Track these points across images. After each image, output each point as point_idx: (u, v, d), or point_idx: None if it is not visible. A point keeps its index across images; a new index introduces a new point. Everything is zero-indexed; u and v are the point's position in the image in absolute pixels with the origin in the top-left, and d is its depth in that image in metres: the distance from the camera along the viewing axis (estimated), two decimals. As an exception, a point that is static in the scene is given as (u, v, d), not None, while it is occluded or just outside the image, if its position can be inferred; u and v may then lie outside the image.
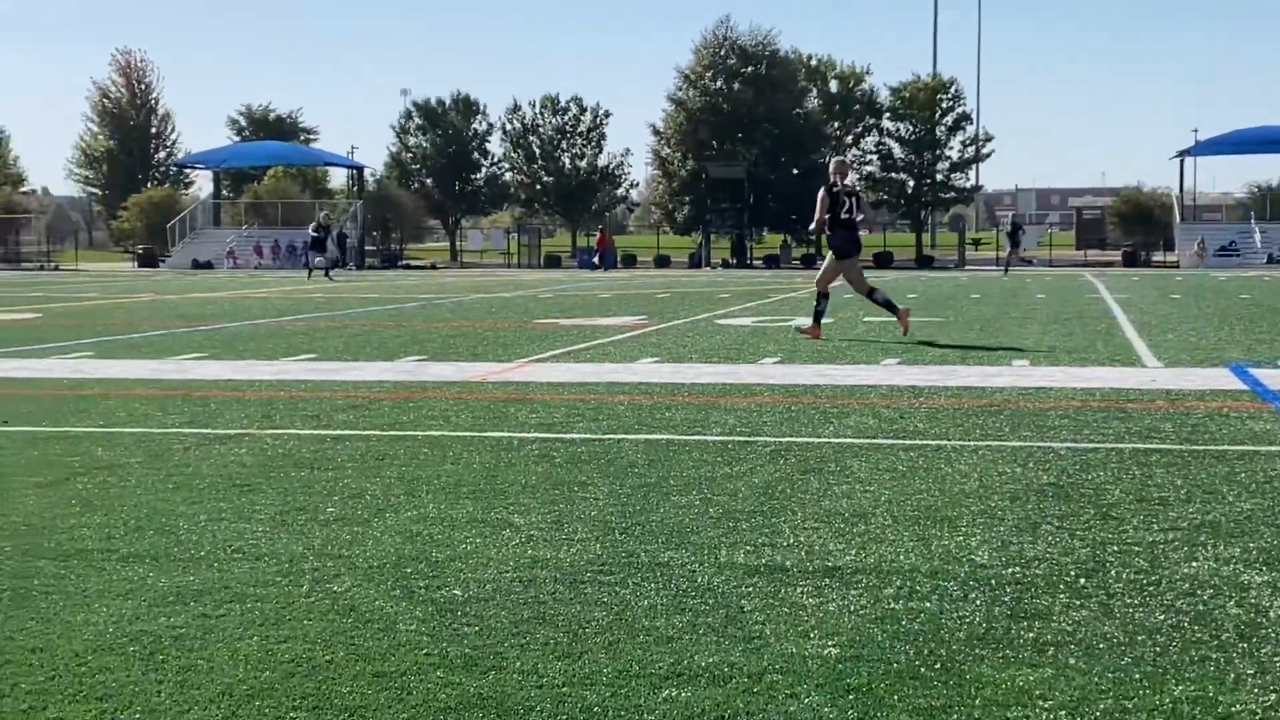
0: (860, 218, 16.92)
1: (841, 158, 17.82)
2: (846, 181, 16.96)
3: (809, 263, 66.90)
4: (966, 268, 62.30)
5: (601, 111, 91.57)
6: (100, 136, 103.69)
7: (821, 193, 16.77)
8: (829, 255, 17.04)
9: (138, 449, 8.11)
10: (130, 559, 5.36)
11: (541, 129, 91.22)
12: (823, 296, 16.83)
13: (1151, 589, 4.90)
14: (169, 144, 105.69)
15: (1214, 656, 4.15)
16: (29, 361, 13.79)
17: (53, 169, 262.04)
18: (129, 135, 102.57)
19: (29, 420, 9.38)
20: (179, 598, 4.79)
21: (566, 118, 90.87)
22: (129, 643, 4.29)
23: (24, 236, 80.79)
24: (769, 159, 73.81)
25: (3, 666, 4.08)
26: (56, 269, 66.89)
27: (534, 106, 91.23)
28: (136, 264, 72.39)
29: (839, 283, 17.43)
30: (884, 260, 66.08)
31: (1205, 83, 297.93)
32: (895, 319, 16.46)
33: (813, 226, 17.25)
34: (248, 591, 4.87)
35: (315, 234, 46.24)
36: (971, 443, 8.22)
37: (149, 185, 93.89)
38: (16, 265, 71.42)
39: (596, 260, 64.92)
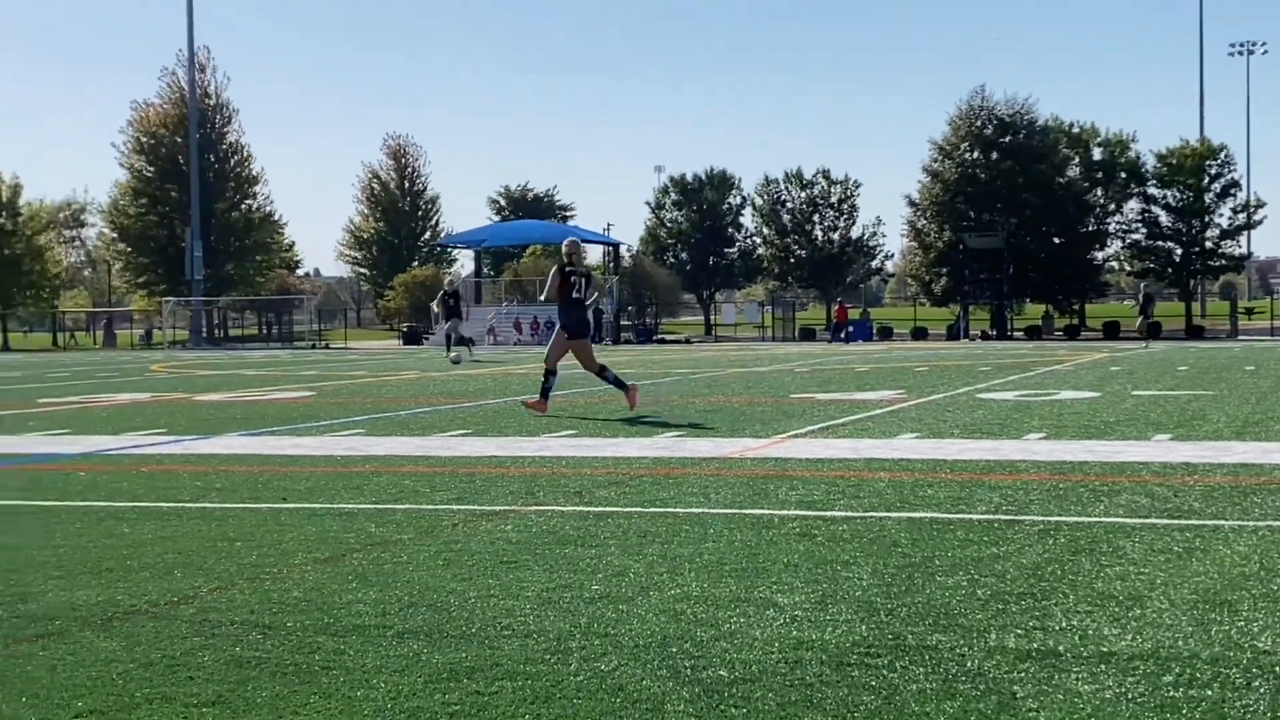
0: (592, 298, 17.27)
1: (575, 239, 17.78)
2: (579, 262, 17.33)
3: (1073, 333, 65.49)
4: (1240, 338, 60.20)
5: (851, 183, 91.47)
6: (370, 219, 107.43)
7: (554, 271, 17.25)
8: (557, 331, 17.37)
9: (409, 525, 8.33)
10: (405, 635, 5.49)
11: (792, 202, 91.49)
12: (550, 373, 17.11)
13: None
14: (433, 224, 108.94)
15: None
16: (305, 439, 14.29)
17: (323, 251, 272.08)
18: (396, 217, 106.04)
19: (306, 497, 9.72)
20: (453, 674, 4.89)
21: (815, 190, 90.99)
22: (407, 718, 4.39)
23: (297, 316, 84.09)
24: (1029, 228, 72.73)
25: (287, 740, 4.22)
26: (327, 347, 69.32)
27: (783, 180, 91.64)
28: (401, 341, 74.70)
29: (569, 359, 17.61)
30: (1152, 330, 64.24)
31: None
32: (625, 395, 16.93)
33: (542, 297, 17.79)
34: (518, 669, 4.95)
35: (451, 301, 39.24)
36: (1251, 523, 7.92)
37: (414, 265, 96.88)
38: (290, 344, 74.25)
39: (841, 335, 64.31)
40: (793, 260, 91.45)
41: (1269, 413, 15.56)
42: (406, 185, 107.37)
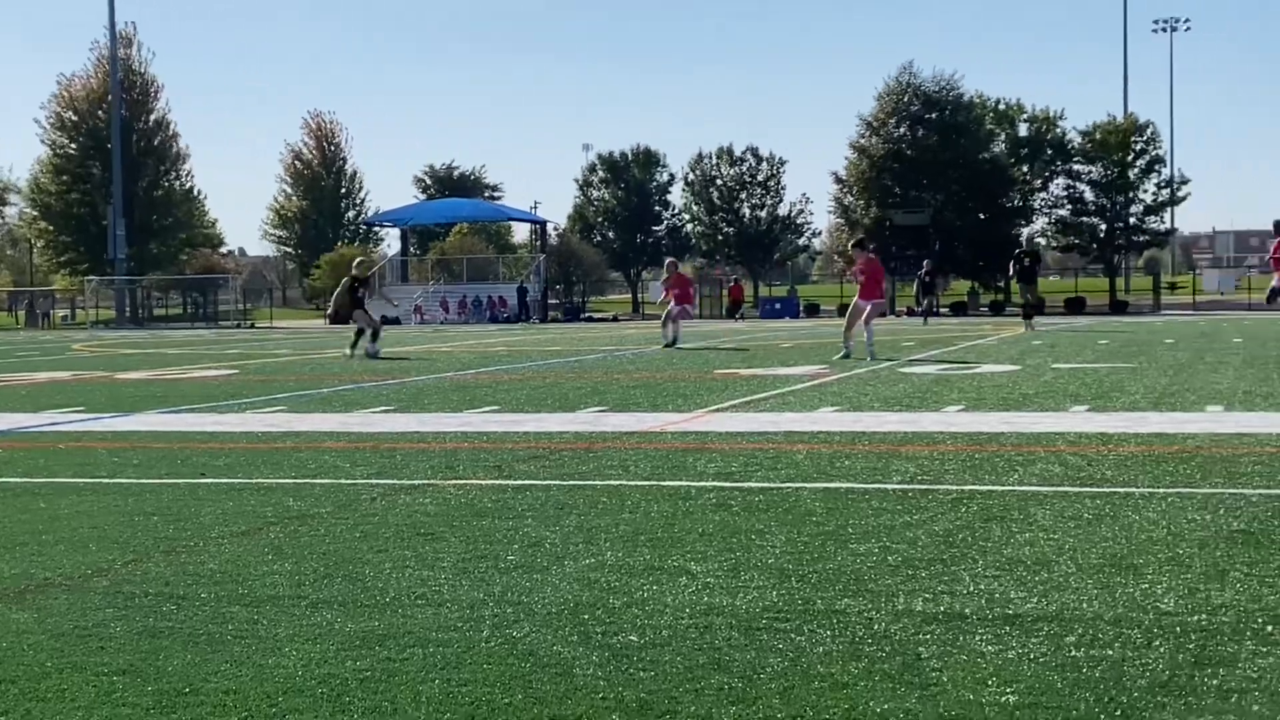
0: None
1: None
2: None
3: (998, 309, 65.99)
4: (1162, 312, 60.97)
5: (777, 160, 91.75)
6: (294, 198, 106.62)
7: None
8: None
9: (327, 499, 8.32)
10: (319, 605, 5.50)
11: (720, 180, 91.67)
12: None
13: (1345, 637, 4.76)
14: (358, 203, 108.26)
15: None
16: (226, 416, 14.22)
17: (248, 230, 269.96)
18: (320, 195, 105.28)
19: (225, 472, 9.68)
20: (365, 642, 4.91)
21: (744, 168, 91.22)
22: (317, 685, 4.41)
23: (222, 296, 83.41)
24: (955, 205, 73.08)
25: (198, 707, 4.22)
26: (252, 327, 68.84)
27: (711, 158, 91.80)
28: (328, 321, 74.24)
29: None
30: (1076, 306, 64.89)
31: None
32: None
33: None
34: (430, 636, 4.98)
35: (359, 288, 28.37)
36: (1160, 490, 8.06)
37: (339, 244, 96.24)
38: (214, 324, 73.67)
39: (738, 314, 64.80)
40: (720, 238, 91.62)
41: (1186, 384, 15.79)
42: (329, 164, 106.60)
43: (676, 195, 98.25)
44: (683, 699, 4.19)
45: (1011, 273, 37.42)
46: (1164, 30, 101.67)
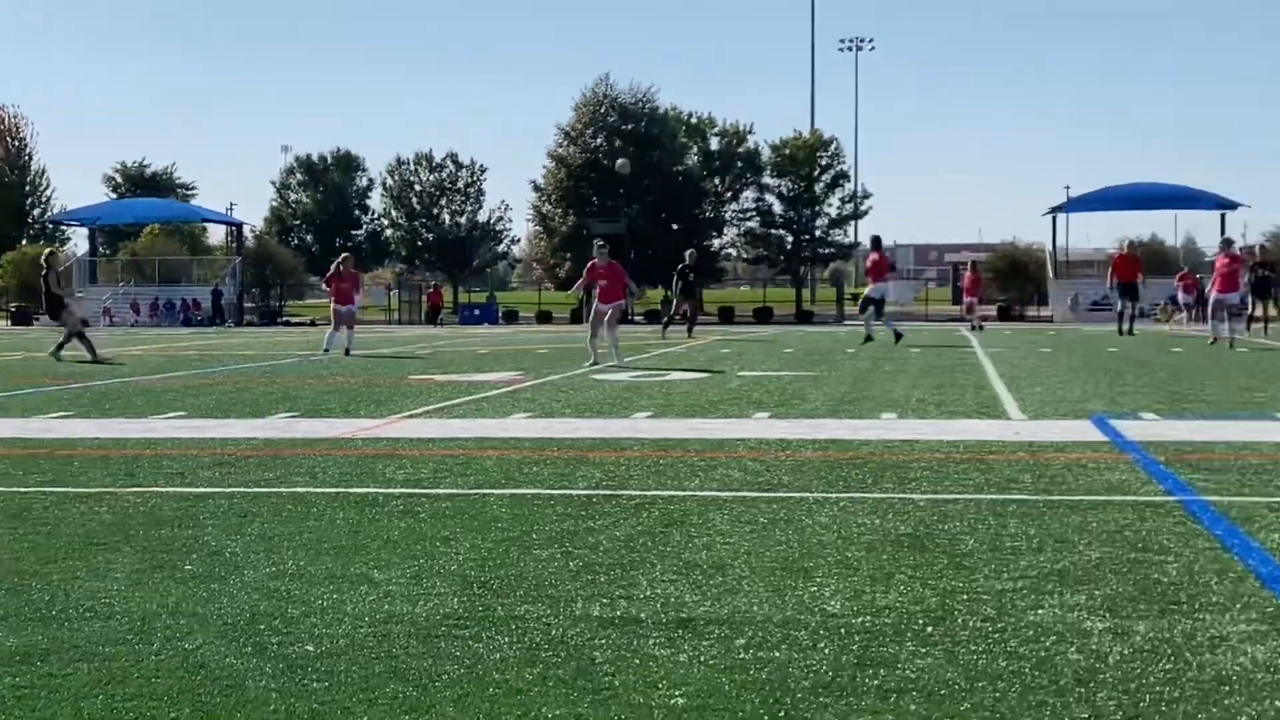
0: None
1: None
2: None
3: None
4: (846, 322, 62.99)
5: (477, 167, 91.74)
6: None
7: None
8: None
9: (-5, 509, 8.00)
10: (-21, 619, 5.30)
11: (419, 186, 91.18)
12: None
13: (996, 636, 5.02)
14: (43, 201, 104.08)
15: (1051, 701, 4.26)
16: (-111, 421, 13.53)
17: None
18: (2, 192, 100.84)
19: (-116, 481, 9.21)
20: (25, 657, 4.75)
21: (444, 174, 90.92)
22: (-29, 703, 4.25)
23: (-109, 296, 79.01)
24: (650, 215, 74.20)
25: None
26: (-75, 327, 65.48)
27: (410, 163, 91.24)
28: (10, 322, 71.22)
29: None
30: (764, 315, 66.56)
31: (1078, 140, 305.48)
32: None
33: None
34: (96, 650, 4.84)
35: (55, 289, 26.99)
36: (834, 495, 8.34)
37: (23, 243, 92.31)
38: (-117, 324, 69.81)
39: (438, 320, 64.60)
40: (420, 243, 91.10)
41: (863, 392, 16.36)
42: (13, 160, 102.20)
43: (376, 200, 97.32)
44: (356, 709, 4.18)
45: (675, 287, 39.17)
46: (850, 49, 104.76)
